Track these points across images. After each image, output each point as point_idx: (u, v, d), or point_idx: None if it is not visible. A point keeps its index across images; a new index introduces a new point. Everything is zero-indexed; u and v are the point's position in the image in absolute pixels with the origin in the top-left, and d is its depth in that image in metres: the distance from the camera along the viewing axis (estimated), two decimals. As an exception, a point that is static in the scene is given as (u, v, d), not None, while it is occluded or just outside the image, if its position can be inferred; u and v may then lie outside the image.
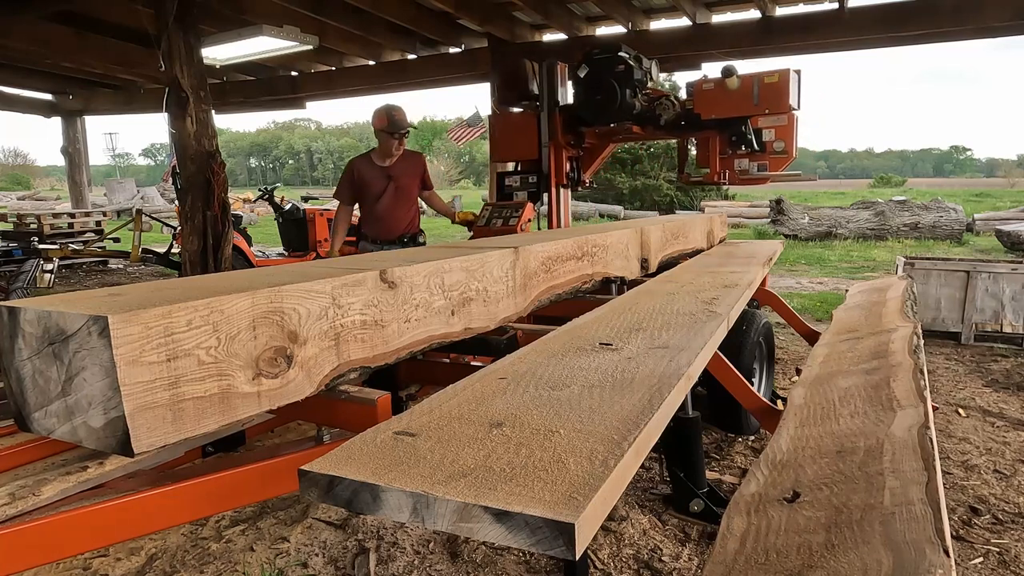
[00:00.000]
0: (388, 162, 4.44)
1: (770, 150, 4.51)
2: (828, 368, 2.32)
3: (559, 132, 4.89)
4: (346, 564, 2.37)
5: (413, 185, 4.56)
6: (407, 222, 4.53)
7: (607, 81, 4.60)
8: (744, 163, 4.61)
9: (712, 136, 4.60)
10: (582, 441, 0.99)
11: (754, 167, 4.55)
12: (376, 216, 4.46)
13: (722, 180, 4.71)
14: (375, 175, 4.42)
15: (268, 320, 1.28)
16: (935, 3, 5.78)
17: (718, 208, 17.25)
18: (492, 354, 1.99)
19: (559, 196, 5.08)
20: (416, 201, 4.63)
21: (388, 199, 4.41)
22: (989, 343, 5.32)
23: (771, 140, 4.50)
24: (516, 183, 5.12)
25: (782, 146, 4.47)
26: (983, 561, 2.35)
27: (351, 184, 4.47)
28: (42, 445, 1.41)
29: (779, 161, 4.51)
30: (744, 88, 4.34)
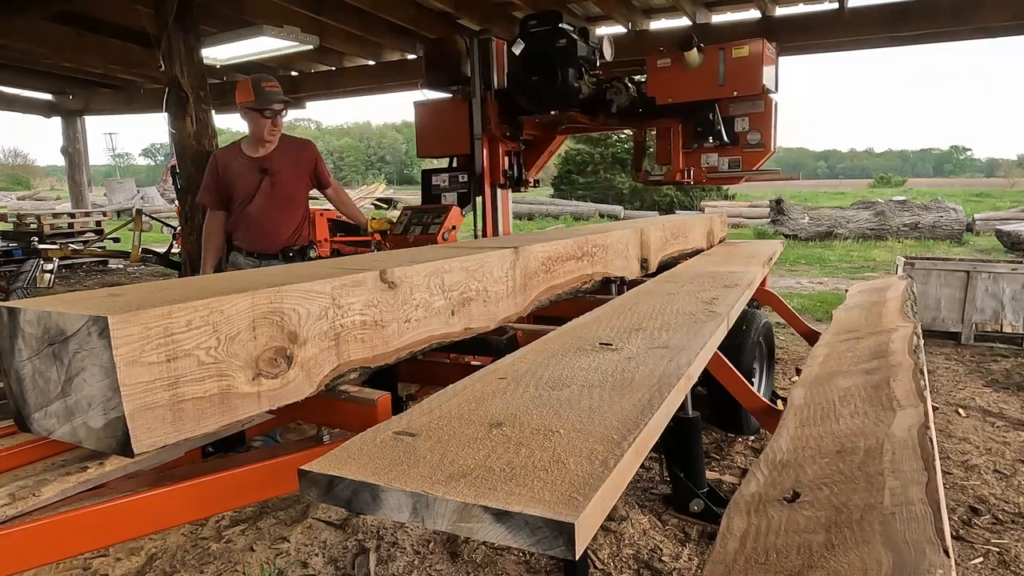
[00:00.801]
0: (261, 151, 3.41)
1: (743, 143, 3.83)
2: (828, 368, 2.32)
3: (493, 122, 4.07)
4: (346, 564, 2.37)
5: (299, 182, 3.53)
6: (292, 230, 3.48)
7: (545, 59, 3.82)
8: (713, 158, 3.96)
9: (673, 126, 3.97)
10: (582, 441, 0.99)
11: (724, 163, 3.92)
12: (248, 222, 3.40)
13: (686, 179, 4.04)
14: (244, 169, 3.39)
15: (268, 320, 1.28)
16: (935, 3, 5.78)
17: (718, 208, 17.25)
18: (492, 354, 1.99)
19: (496, 198, 4.34)
20: (305, 204, 3.66)
21: (263, 200, 3.38)
22: (989, 343, 5.32)
23: (744, 131, 3.82)
24: (445, 183, 4.36)
25: (758, 138, 3.79)
26: (983, 561, 2.35)
27: (215, 182, 3.43)
28: (42, 445, 1.40)
29: (754, 156, 3.83)
30: (707, 65, 3.66)
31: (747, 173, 3.92)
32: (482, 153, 4.16)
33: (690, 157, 4.02)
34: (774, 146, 3.84)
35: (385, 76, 8.85)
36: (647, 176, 4.40)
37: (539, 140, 4.57)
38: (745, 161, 3.87)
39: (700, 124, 3.84)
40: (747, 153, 3.85)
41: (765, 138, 3.79)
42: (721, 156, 3.95)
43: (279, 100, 3.33)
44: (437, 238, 3.67)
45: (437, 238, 3.67)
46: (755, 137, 3.80)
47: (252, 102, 3.28)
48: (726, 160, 3.93)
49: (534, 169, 4.65)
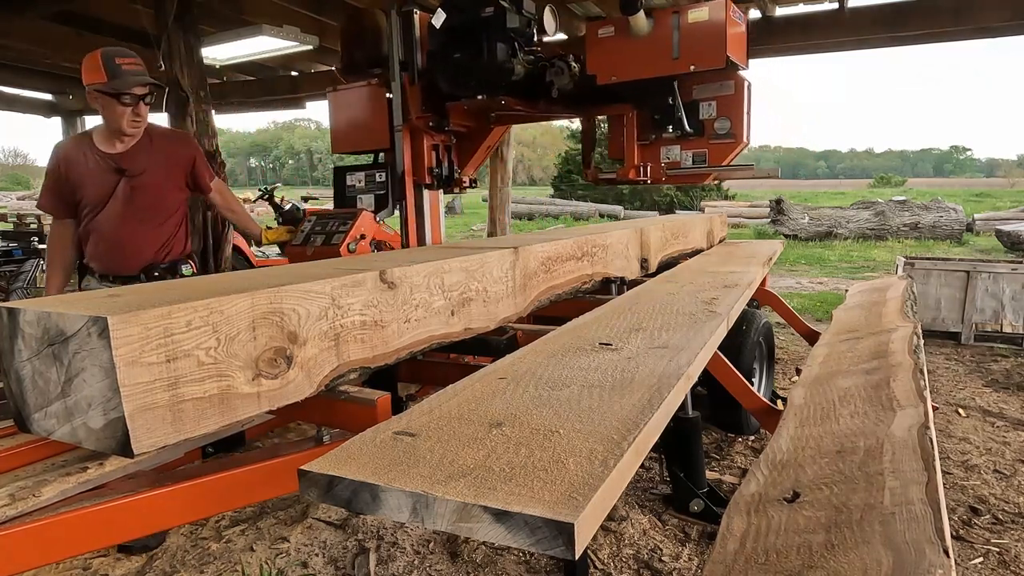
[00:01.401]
0: (119, 146, 2.68)
1: (710, 132, 3.26)
2: (828, 368, 2.32)
3: (415, 110, 3.46)
4: (346, 564, 2.37)
5: (169, 186, 2.78)
6: (159, 246, 2.76)
7: (469, 32, 3.18)
8: (674, 152, 3.39)
9: (626, 113, 3.41)
10: (582, 441, 0.99)
11: (688, 158, 3.35)
12: (99, 236, 2.69)
13: (641, 177, 3.46)
14: (95, 168, 2.65)
15: (268, 321, 1.28)
16: (935, 3, 5.78)
17: (718, 208, 17.25)
18: (492, 354, 1.99)
19: (421, 200, 3.72)
20: (180, 212, 2.87)
21: (119, 208, 2.66)
22: (989, 343, 5.32)
23: (711, 118, 3.25)
24: (361, 183, 3.74)
25: (727, 127, 3.20)
26: (983, 561, 2.35)
27: (57, 182, 2.69)
28: (42, 446, 1.41)
29: (724, 148, 3.25)
30: (658, 33, 3.02)
31: (715, 169, 3.33)
32: (403, 148, 3.52)
33: (647, 151, 3.45)
34: (748, 136, 3.29)
35: (385, 76, 8.84)
36: (597, 174, 3.74)
37: (472, 132, 3.88)
38: (713, 155, 3.29)
39: (657, 110, 3.25)
40: (715, 145, 3.27)
41: (736, 127, 3.21)
42: (684, 150, 3.36)
43: (142, 82, 2.57)
44: (340, 250, 3.06)
45: (340, 250, 3.06)
46: (724, 125, 3.21)
47: (103, 83, 2.51)
48: (690, 154, 3.34)
49: (470, 166, 3.97)
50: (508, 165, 8.00)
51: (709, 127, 3.26)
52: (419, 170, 3.68)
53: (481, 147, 3.97)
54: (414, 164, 3.64)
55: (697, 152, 3.33)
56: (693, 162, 3.35)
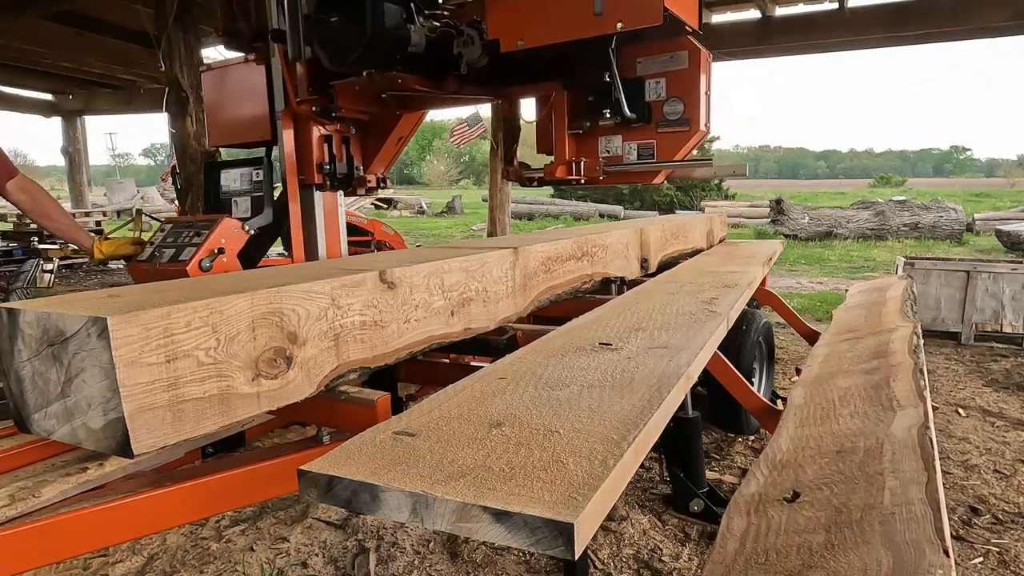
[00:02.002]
0: None
1: (659, 118, 2.68)
2: (828, 368, 2.32)
3: (299, 91, 2.88)
4: (346, 564, 2.37)
5: None
6: None
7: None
8: (615, 144, 2.79)
9: (554, 94, 2.82)
10: (581, 441, 0.99)
11: (632, 151, 2.76)
12: None
13: (573, 176, 2.87)
14: None
15: (267, 321, 1.28)
16: (935, 3, 5.78)
17: (718, 208, 17.25)
18: (492, 354, 1.99)
19: (311, 204, 3.08)
20: None
21: None
22: (989, 343, 5.32)
23: (660, 100, 2.66)
24: (236, 183, 3.10)
25: (679, 111, 2.64)
26: (983, 561, 2.35)
27: None
28: (42, 446, 1.41)
29: (676, 139, 2.67)
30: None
31: (665, 165, 2.74)
32: (284, 139, 2.94)
33: (582, 143, 2.86)
34: (707, 123, 2.71)
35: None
36: (521, 172, 3.10)
37: (376, 121, 3.21)
38: (663, 147, 2.70)
39: (591, 90, 2.68)
40: (666, 135, 2.67)
41: (691, 110, 2.62)
42: (627, 141, 2.76)
43: None
44: (189, 267, 2.56)
45: (189, 267, 2.56)
46: (675, 109, 2.62)
47: None
48: (634, 146, 2.74)
49: (378, 162, 3.29)
50: (508, 165, 7.98)
51: (657, 111, 2.67)
52: (305, 166, 3.00)
53: (389, 139, 3.24)
54: (299, 159, 2.99)
55: (643, 144, 2.72)
56: (638, 156, 2.74)
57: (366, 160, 3.28)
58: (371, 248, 8.53)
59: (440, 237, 15.92)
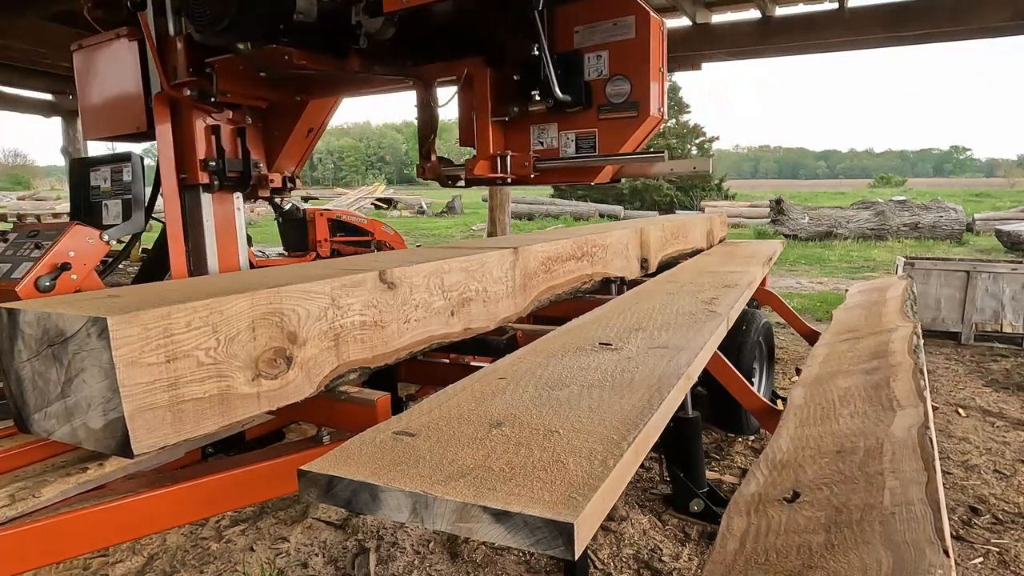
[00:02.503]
0: None
1: (601, 102, 2.27)
2: (828, 368, 2.32)
3: (164, 72, 2.42)
4: (346, 564, 2.37)
5: None
6: None
7: None
8: (550, 134, 2.37)
9: (476, 73, 2.40)
10: (581, 441, 0.99)
11: (570, 143, 2.35)
12: None
13: (499, 174, 2.44)
14: None
15: (267, 321, 1.28)
16: (935, 3, 5.78)
17: (718, 208, 17.26)
18: (492, 354, 1.99)
19: (196, 210, 2.60)
20: None
21: None
22: (989, 343, 5.32)
23: (601, 78, 2.24)
24: (106, 182, 2.67)
25: (625, 92, 2.20)
26: (983, 561, 2.35)
27: None
28: (42, 447, 1.41)
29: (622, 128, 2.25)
30: None
31: (608, 160, 2.32)
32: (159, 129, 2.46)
33: (511, 134, 2.41)
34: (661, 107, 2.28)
35: (385, 76, 8.83)
36: (439, 168, 2.62)
37: (277, 109, 2.75)
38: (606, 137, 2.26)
39: (517, 66, 2.25)
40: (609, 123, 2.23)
41: (640, 90, 2.19)
42: (564, 130, 2.32)
43: None
44: (20, 288, 2.14)
45: (20, 288, 2.14)
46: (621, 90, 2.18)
47: None
48: (572, 137, 2.31)
49: (284, 158, 2.82)
50: (508, 165, 7.98)
51: (599, 93, 2.23)
52: (188, 163, 2.51)
53: (296, 131, 2.76)
54: (180, 154, 2.51)
55: (583, 134, 2.27)
56: (577, 150, 2.30)
57: (270, 156, 2.80)
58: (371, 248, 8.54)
59: (440, 237, 15.92)
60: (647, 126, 2.27)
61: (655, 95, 2.24)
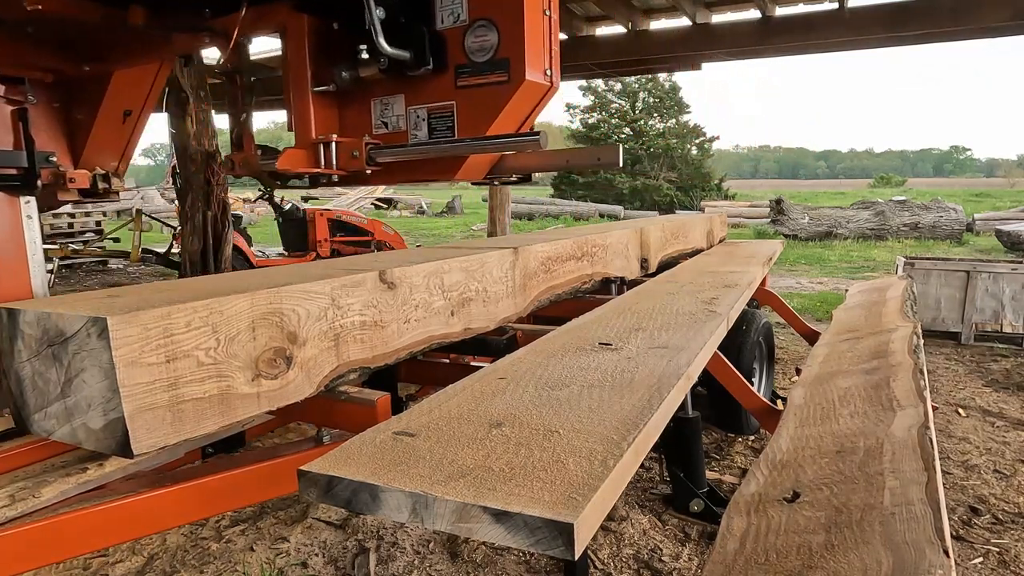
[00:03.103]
0: None
1: (459, 61, 1.71)
2: (828, 368, 2.32)
3: None
4: (346, 564, 2.37)
5: None
6: None
7: None
8: (394, 111, 1.78)
9: (290, 21, 1.88)
10: (581, 441, 0.99)
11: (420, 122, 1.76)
12: None
13: (323, 167, 1.84)
14: None
15: (267, 321, 1.28)
16: (935, 3, 5.78)
17: (718, 208, 17.26)
18: (492, 354, 1.99)
19: None
20: None
21: None
22: (989, 343, 5.32)
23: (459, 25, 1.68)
24: None
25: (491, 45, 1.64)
26: (983, 561, 2.35)
27: None
28: (42, 447, 1.41)
29: (489, 98, 1.68)
30: None
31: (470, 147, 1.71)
32: None
33: (348, 111, 1.85)
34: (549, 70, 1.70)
35: (385, 76, 8.83)
36: (256, 162, 2.01)
37: (79, 82, 2.18)
38: (469, 114, 1.68)
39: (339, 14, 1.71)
40: (471, 92, 1.66)
41: (512, 45, 1.61)
42: (412, 105, 1.74)
43: None
44: None
45: None
46: (484, 42, 1.60)
47: None
48: (422, 113, 1.71)
49: (95, 149, 2.24)
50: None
51: (456, 49, 1.62)
52: None
53: (102, 114, 2.15)
54: None
55: (437, 109, 1.65)
56: (431, 132, 1.69)
57: (74, 148, 2.20)
58: (371, 248, 8.53)
59: (440, 237, 15.91)
60: (526, 96, 1.60)
61: (537, 50, 1.57)
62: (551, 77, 1.74)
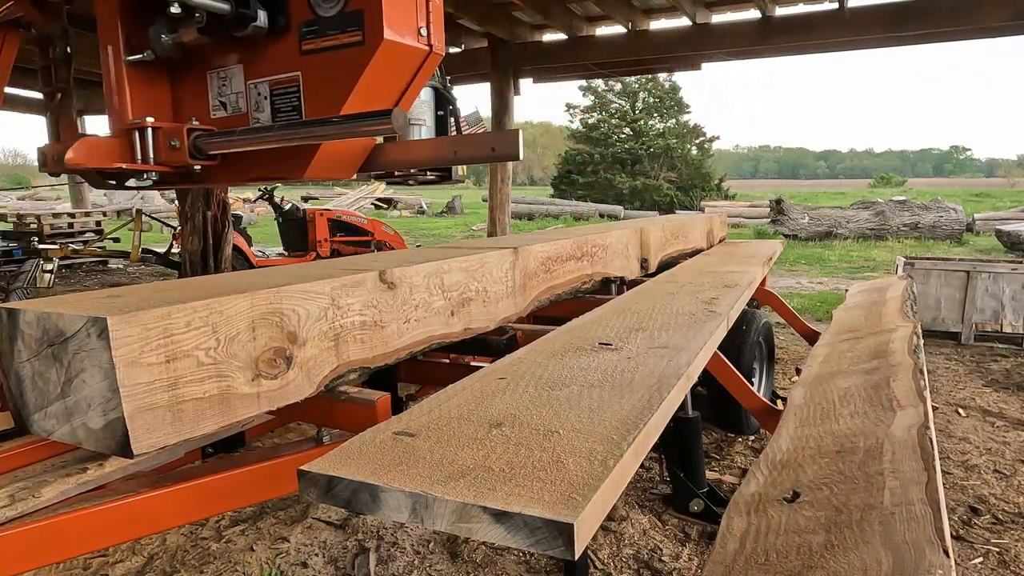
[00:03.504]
0: None
1: (304, 17, 1.31)
2: (828, 368, 2.32)
3: None
4: (346, 564, 2.37)
5: None
6: None
7: None
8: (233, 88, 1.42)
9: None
10: (581, 441, 0.99)
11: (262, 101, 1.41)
12: None
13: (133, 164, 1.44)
14: None
15: (267, 321, 1.28)
16: (935, 3, 5.78)
17: (718, 208, 17.26)
18: (492, 354, 1.99)
19: None
20: None
21: None
22: (989, 343, 5.32)
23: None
24: None
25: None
26: (983, 561, 2.35)
27: None
28: (42, 447, 1.41)
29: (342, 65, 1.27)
30: None
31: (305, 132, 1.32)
32: None
33: (182, 88, 1.53)
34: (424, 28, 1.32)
35: (385, 76, 8.84)
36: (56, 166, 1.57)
37: None
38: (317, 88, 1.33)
39: None
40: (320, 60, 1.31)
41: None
42: (253, 78, 1.42)
43: None
44: None
45: None
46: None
47: None
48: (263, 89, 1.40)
49: None
50: (508, 165, 8.00)
51: (301, 2, 1.30)
52: None
53: None
54: None
55: (280, 84, 1.32)
56: (274, 113, 1.36)
57: None
58: (371, 248, 8.53)
59: (440, 237, 15.91)
60: (393, 63, 1.20)
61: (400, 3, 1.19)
62: (428, 38, 1.30)
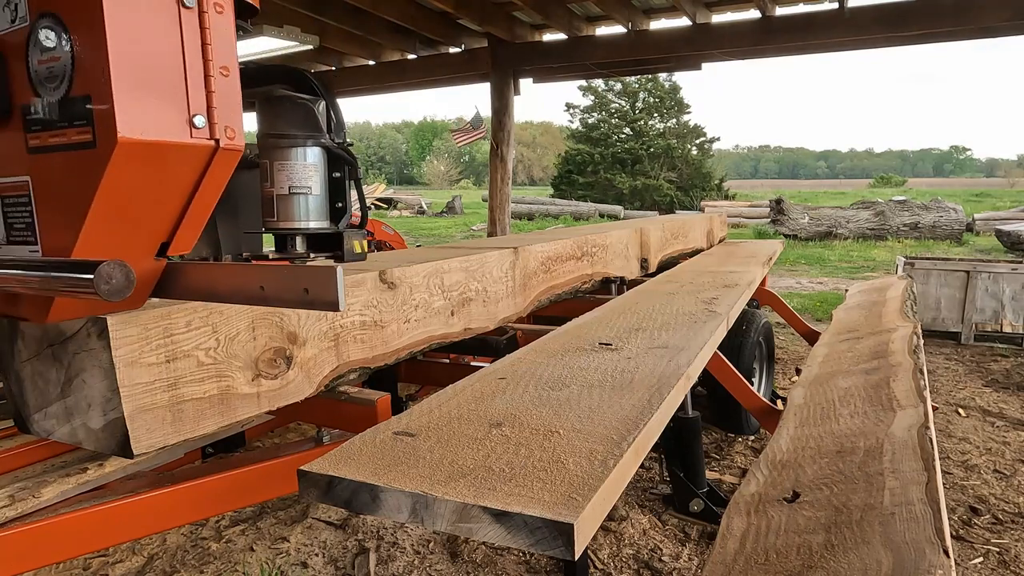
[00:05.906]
0: None
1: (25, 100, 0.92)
2: (828, 368, 2.32)
3: None
4: (346, 564, 2.37)
5: None
6: None
7: None
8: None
9: None
10: (581, 441, 0.99)
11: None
12: None
13: None
14: None
15: (267, 321, 1.28)
16: (935, 3, 5.78)
17: (718, 208, 17.25)
18: (492, 354, 1.99)
19: None
20: None
21: None
22: (989, 343, 5.32)
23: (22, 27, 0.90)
24: None
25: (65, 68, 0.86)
26: (983, 561, 2.35)
27: None
28: (42, 447, 1.40)
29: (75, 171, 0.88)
30: None
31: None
32: None
33: None
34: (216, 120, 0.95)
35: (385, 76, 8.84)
36: None
37: None
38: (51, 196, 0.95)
39: None
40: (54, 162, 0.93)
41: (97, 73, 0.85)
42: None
43: None
44: None
45: None
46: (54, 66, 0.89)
47: None
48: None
49: None
50: (508, 165, 8.00)
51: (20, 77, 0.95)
52: None
53: None
54: None
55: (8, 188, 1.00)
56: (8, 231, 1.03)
57: None
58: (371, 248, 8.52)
59: (440, 237, 15.91)
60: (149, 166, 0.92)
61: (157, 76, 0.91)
62: (210, 129, 0.96)
